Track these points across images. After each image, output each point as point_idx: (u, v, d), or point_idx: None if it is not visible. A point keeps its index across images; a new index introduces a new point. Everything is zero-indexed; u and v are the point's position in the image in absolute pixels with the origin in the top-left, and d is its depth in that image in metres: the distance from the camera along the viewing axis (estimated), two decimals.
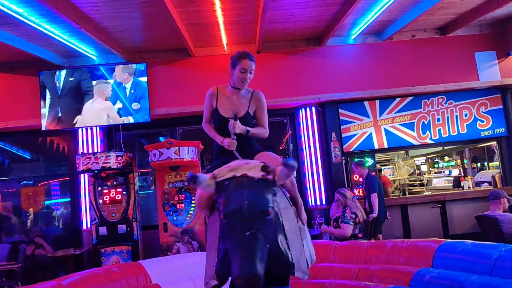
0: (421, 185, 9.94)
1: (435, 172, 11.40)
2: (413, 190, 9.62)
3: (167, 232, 6.59)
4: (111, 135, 7.65)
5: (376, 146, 7.74)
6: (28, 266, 6.73)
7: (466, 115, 7.82)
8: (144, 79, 7.25)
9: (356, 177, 7.59)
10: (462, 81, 7.62)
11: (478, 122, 7.81)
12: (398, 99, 7.80)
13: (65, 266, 6.83)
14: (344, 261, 4.61)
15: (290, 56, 7.64)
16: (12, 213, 8.59)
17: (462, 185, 8.71)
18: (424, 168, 11.54)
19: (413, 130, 7.76)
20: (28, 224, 9.13)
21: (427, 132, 7.77)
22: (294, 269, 2.33)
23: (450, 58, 7.69)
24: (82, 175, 7.37)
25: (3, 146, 9.17)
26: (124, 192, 6.75)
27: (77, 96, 7.23)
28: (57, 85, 7.24)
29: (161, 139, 8.67)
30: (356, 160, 7.62)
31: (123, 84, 7.25)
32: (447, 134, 7.78)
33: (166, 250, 6.58)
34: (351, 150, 7.72)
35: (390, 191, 8.95)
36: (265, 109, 3.08)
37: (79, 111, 7.19)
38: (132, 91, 7.25)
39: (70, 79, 7.24)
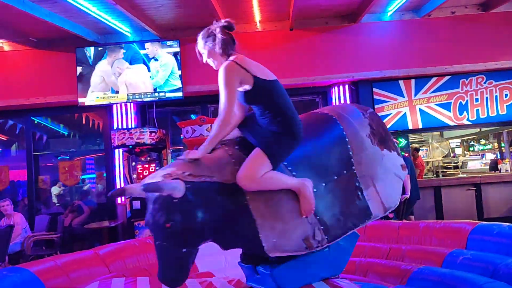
0: (456, 167, 9.71)
1: (470, 155, 11.11)
2: (447, 172, 9.42)
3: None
4: (145, 111, 7.78)
5: (410, 127, 7.58)
6: (66, 236, 7.00)
7: (506, 95, 7.53)
8: (177, 56, 7.31)
9: None
10: (504, 60, 7.32)
11: None
12: (434, 78, 7.57)
13: (100, 238, 7.08)
14: (375, 240, 4.58)
15: (324, 34, 7.51)
16: (50, 186, 8.94)
17: (499, 168, 8.46)
18: (458, 151, 11.25)
19: (450, 111, 7.54)
20: (65, 197, 9.49)
21: (464, 112, 7.54)
22: (266, 249, 2.43)
23: (491, 36, 7.38)
24: (116, 151, 7.56)
25: (41, 122, 9.48)
26: (157, 168, 6.89)
27: (110, 71, 7.37)
28: (91, 60, 7.39)
29: (193, 116, 8.77)
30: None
31: (156, 61, 7.33)
32: (485, 115, 7.53)
33: None
34: None
35: (418, 172, 8.78)
36: (222, 86, 2.48)
37: (114, 85, 7.35)
38: (165, 68, 7.32)
39: (103, 55, 7.38)
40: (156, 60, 7.33)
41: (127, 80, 7.33)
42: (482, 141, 11.09)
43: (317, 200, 2.52)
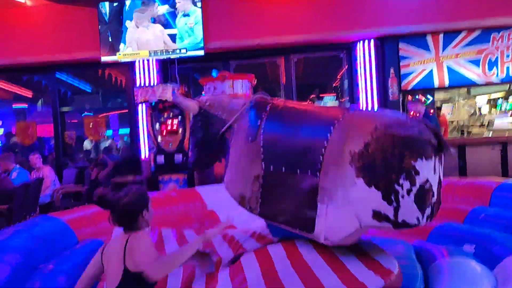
0: (482, 126, 9.48)
1: (497, 114, 10.80)
2: (473, 131, 9.22)
3: (221, 162, 6.77)
4: (167, 68, 7.77)
5: (437, 84, 7.39)
6: (92, 189, 7.22)
7: None
8: (198, 10, 7.20)
9: (412, 115, 7.36)
10: None
11: None
12: (464, 33, 7.28)
13: None
14: None
15: None
16: (75, 141, 9.16)
17: None
18: (485, 109, 10.94)
19: (478, 67, 7.30)
20: (91, 152, 9.73)
21: (494, 69, 7.29)
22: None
23: None
24: (139, 107, 7.65)
25: (65, 79, 9.59)
26: (180, 123, 6.95)
27: (133, 27, 7.35)
28: (114, 16, 7.36)
29: (214, 73, 8.72)
30: (413, 98, 7.33)
31: (178, 15, 7.24)
32: None
33: (221, 180, 6.81)
34: (409, 87, 7.42)
35: (443, 130, 8.60)
36: None
37: (136, 40, 7.35)
38: (187, 22, 7.24)
39: (127, 9, 7.33)
40: (187, 16, 7.24)
41: (140, 38, 7.33)
42: (511, 99, 10.74)
43: (272, 179, 2.67)
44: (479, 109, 10.35)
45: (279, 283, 2.36)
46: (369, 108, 7.19)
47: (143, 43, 7.37)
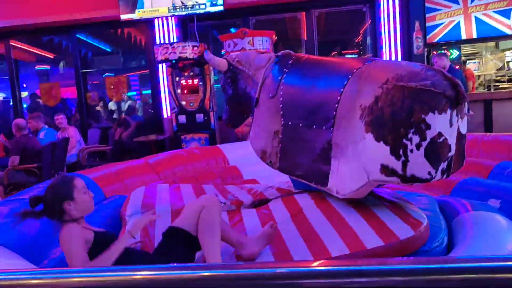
0: (510, 81, 9.18)
1: None
2: (500, 86, 8.95)
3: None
4: (186, 26, 7.69)
5: (464, 37, 7.12)
6: (116, 149, 7.37)
7: None
8: None
9: None
10: None
11: None
12: None
13: (148, 151, 7.41)
14: None
15: None
16: (98, 102, 9.28)
17: None
18: None
19: (509, 18, 6.98)
20: (113, 113, 9.86)
21: None
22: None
23: None
24: (160, 66, 7.64)
25: (85, 39, 9.60)
26: (200, 83, 6.94)
27: None
28: None
29: (233, 30, 8.60)
30: (439, 52, 7.11)
31: None
32: None
33: (241, 139, 6.85)
34: (435, 40, 7.18)
35: (471, 85, 8.38)
36: None
37: None
38: None
39: None
40: None
41: None
42: None
43: (290, 134, 2.69)
44: (507, 63, 10.00)
45: (308, 225, 2.41)
46: (392, 59, 7.02)
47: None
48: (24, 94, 9.83)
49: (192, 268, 0.97)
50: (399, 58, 7.23)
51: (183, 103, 6.96)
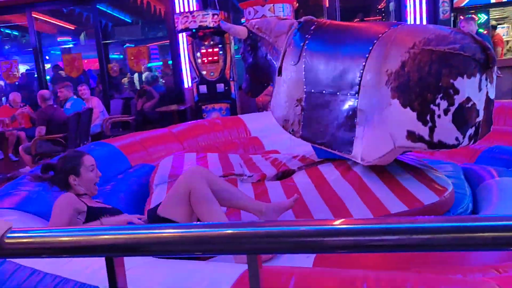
0: None
1: None
2: None
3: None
4: None
5: (493, 0, 6.85)
6: (139, 119, 7.46)
7: None
8: None
9: None
10: None
11: None
12: None
13: (170, 121, 7.47)
14: None
15: None
16: (119, 73, 9.33)
17: None
18: None
19: None
20: (135, 83, 9.93)
21: None
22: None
23: None
24: (180, 36, 7.60)
25: (105, 10, 9.58)
26: (221, 52, 6.89)
27: None
28: None
29: None
30: (466, 16, 6.86)
31: None
32: None
33: (262, 109, 6.84)
34: (462, 5, 6.93)
35: (499, 51, 8.10)
36: None
37: None
38: None
39: None
40: None
41: None
42: None
43: (313, 102, 2.64)
44: None
45: (333, 193, 2.43)
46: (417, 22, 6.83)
47: None
48: (47, 66, 9.94)
49: (220, 226, 1.00)
50: (425, 23, 7.01)
51: (204, 72, 6.95)
